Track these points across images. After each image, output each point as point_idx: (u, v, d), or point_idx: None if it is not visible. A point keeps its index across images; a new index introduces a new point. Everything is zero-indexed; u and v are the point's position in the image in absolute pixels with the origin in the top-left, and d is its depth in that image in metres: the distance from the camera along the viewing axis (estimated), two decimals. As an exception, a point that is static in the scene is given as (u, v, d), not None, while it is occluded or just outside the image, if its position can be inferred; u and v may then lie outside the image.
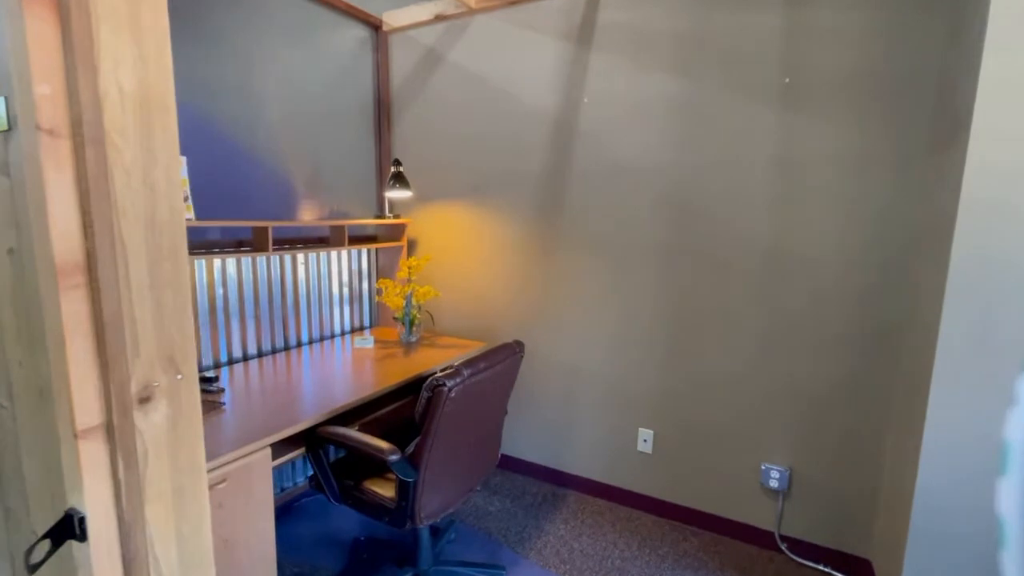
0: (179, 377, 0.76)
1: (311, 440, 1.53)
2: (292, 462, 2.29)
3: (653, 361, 2.16)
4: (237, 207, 2.09)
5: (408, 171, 2.65)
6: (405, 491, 1.42)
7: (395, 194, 2.44)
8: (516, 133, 2.34)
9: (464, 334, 2.63)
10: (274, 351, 2.25)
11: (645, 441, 2.22)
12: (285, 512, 2.20)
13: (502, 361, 1.57)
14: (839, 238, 1.77)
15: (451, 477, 1.53)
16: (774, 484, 1.96)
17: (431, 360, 2.15)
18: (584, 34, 2.14)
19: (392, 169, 2.41)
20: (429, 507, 1.46)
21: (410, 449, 1.42)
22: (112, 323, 0.68)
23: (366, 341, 2.34)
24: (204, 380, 1.75)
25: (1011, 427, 0.37)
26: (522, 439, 2.54)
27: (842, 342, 1.80)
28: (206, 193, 1.96)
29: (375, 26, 2.59)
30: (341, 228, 2.29)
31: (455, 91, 2.46)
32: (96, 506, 0.70)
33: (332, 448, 1.78)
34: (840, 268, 1.78)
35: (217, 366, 2.02)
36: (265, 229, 1.96)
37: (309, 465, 1.54)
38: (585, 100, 2.16)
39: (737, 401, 2.01)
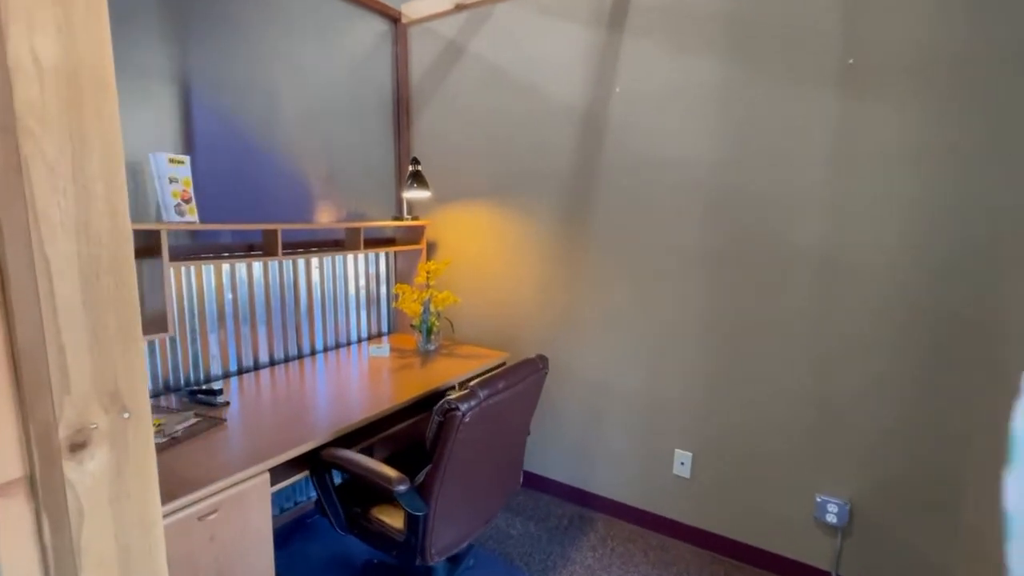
0: (125, 416, 0.63)
1: (316, 462, 1.40)
2: (305, 476, 2.18)
3: (692, 377, 1.96)
4: (253, 209, 2.00)
5: (428, 170, 2.52)
6: (415, 525, 1.27)
7: (413, 194, 2.31)
8: (541, 129, 2.17)
9: (485, 343, 2.48)
10: (287, 359, 2.15)
11: (682, 464, 2.02)
12: (296, 529, 2.10)
13: (524, 379, 1.40)
14: (909, 243, 1.54)
15: (466, 508, 1.37)
16: (831, 519, 1.73)
17: (449, 371, 2.01)
18: (616, 18, 1.95)
19: (410, 168, 2.28)
20: (441, 542, 1.31)
21: (420, 479, 1.27)
22: (30, 353, 0.55)
23: (382, 350, 2.22)
24: (209, 393, 1.65)
25: (1019, 419, 0.36)
26: (547, 456, 2.37)
27: (912, 360, 1.57)
28: (222, 194, 1.88)
29: (394, 19, 2.47)
30: (356, 230, 2.17)
31: (476, 85, 2.31)
32: (18, 577, 0.57)
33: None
34: (912, 277, 1.55)
35: (226, 376, 1.93)
36: (275, 232, 1.85)
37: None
38: (617, 90, 1.98)
39: (788, 424, 1.79)
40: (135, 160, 1.61)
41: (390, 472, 1.26)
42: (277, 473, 1.39)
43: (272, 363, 2.10)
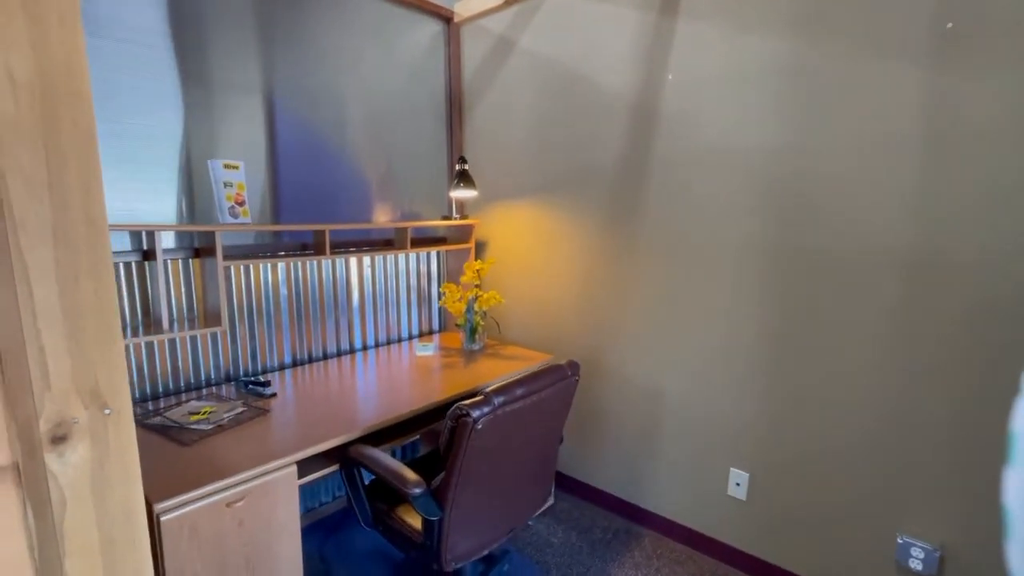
0: (107, 412, 0.66)
1: (345, 457, 1.44)
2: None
3: (753, 390, 1.78)
4: (320, 210, 2.12)
5: (478, 169, 2.51)
6: (430, 529, 1.26)
7: (460, 193, 2.30)
8: (589, 123, 2.07)
9: (531, 344, 2.43)
10: (339, 354, 2.24)
11: (738, 485, 1.84)
12: (343, 519, 2.18)
13: (548, 387, 1.34)
14: (1013, 240, 1.27)
15: (486, 517, 1.34)
16: (916, 565, 1.49)
17: (491, 372, 1.98)
18: (669, 0, 1.81)
19: (457, 167, 2.28)
20: (457, 549, 1.29)
21: (436, 483, 1.25)
22: (12, 352, 0.59)
23: (427, 348, 2.24)
24: (258, 384, 1.75)
25: (1018, 418, 0.34)
26: (593, 464, 2.28)
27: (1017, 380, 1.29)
28: (295, 196, 2.02)
29: (447, 18, 2.48)
30: (404, 230, 2.21)
31: (525, 81, 2.26)
32: (7, 557, 0.62)
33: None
34: (1016, 279, 1.28)
35: (281, 368, 2.04)
36: (323, 232, 1.93)
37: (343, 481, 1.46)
38: (669, 77, 1.83)
39: (865, 449, 1.57)
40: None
41: (408, 474, 1.25)
42: (307, 466, 1.45)
43: (325, 357, 2.20)
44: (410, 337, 2.54)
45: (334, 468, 1.47)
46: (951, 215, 1.36)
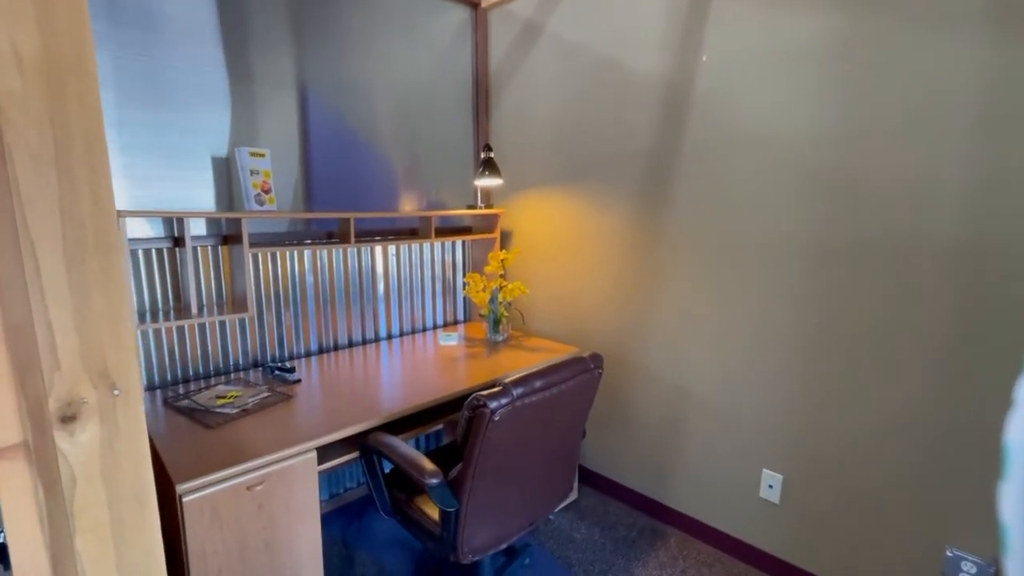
0: (116, 393, 0.66)
1: (364, 445, 1.43)
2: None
3: (787, 389, 1.69)
4: (350, 198, 2.14)
5: (504, 157, 2.47)
6: (447, 520, 1.24)
7: (485, 182, 2.27)
8: (618, 108, 2.00)
9: (555, 336, 2.39)
10: (364, 342, 2.25)
11: (771, 487, 1.76)
12: (367, 506, 2.20)
13: (569, 379, 1.30)
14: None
15: (504, 510, 1.31)
16: (966, 580, 1.38)
17: (514, 363, 1.95)
18: (705, -25, 1.71)
19: (482, 155, 2.25)
20: (474, 541, 1.27)
21: (453, 474, 1.23)
22: (18, 329, 0.59)
23: (450, 338, 2.23)
24: (284, 370, 1.77)
25: (1011, 431, 0.34)
26: (618, 459, 2.22)
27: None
28: (326, 184, 2.05)
29: (474, 4, 2.44)
30: (429, 219, 2.20)
31: (552, 65, 2.20)
32: (19, 533, 0.62)
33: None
34: (1107, 277, 1.15)
35: (307, 355, 2.07)
36: (348, 220, 1.93)
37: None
38: (704, 58, 1.74)
39: (911, 455, 1.46)
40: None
41: (425, 463, 1.24)
42: (328, 452, 1.45)
43: (350, 344, 2.21)
44: (434, 327, 2.53)
45: (354, 455, 1.47)
46: (1015, 206, 1.24)
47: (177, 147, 1.68)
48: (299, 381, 1.74)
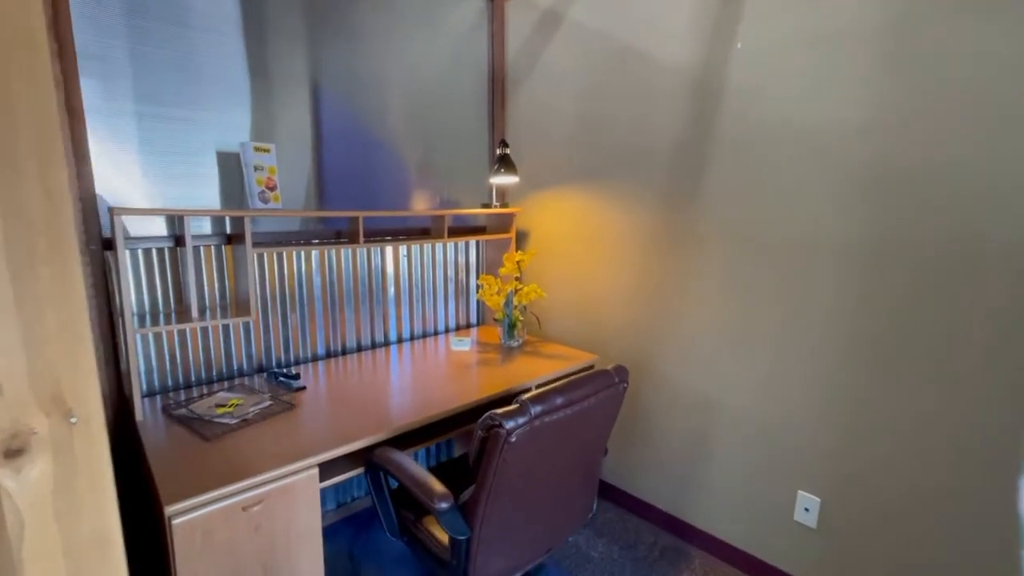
0: (73, 421, 0.57)
1: (372, 461, 1.34)
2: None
3: (827, 405, 1.55)
4: (363, 197, 2.06)
5: (520, 154, 2.36)
6: (457, 548, 1.14)
7: (500, 180, 2.16)
8: (643, 102, 1.88)
9: (573, 342, 2.27)
10: (373, 346, 2.16)
11: (807, 510, 1.63)
12: (375, 517, 2.11)
13: (593, 395, 1.18)
14: None
15: (520, 537, 1.21)
16: (1033, 624, 1.24)
17: (529, 371, 1.85)
18: (742, -44, 1.59)
19: (498, 151, 2.14)
20: (487, 570, 1.17)
21: (465, 497, 1.13)
22: (-48, 351, 0.50)
23: (463, 343, 2.13)
24: (287, 377, 1.69)
25: None
26: (639, 472, 2.10)
27: None
28: (337, 182, 1.97)
29: (491, -7, 2.33)
30: (441, 218, 2.10)
31: (573, 56, 2.08)
32: (-43, 587, 0.53)
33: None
34: None
35: (314, 359, 1.98)
36: (357, 219, 1.84)
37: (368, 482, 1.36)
38: (738, 46, 1.61)
39: (973, 489, 1.32)
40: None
41: (434, 486, 1.14)
42: (330, 468, 1.36)
43: (359, 349, 2.12)
44: (446, 330, 2.43)
45: (359, 471, 1.38)
46: (1104, 203, 1.10)
47: (194, 142, 1.62)
48: (304, 388, 1.66)
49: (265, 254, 1.81)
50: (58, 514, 0.56)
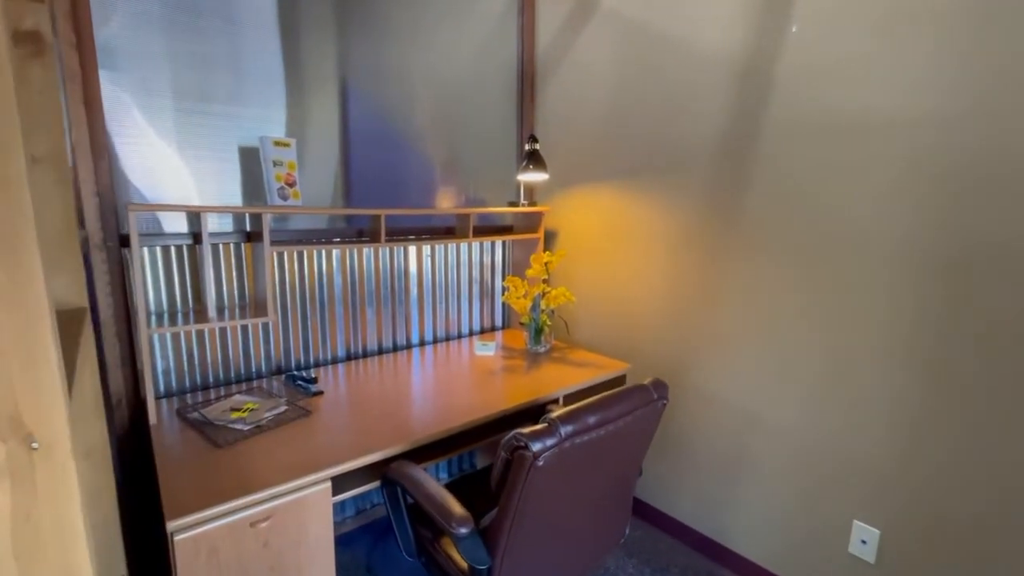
0: (34, 447, 0.49)
1: (388, 475, 1.25)
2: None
3: (889, 425, 1.39)
4: (387, 194, 2.00)
5: (550, 151, 2.25)
6: (477, 574, 1.04)
7: (529, 177, 2.06)
8: (682, 91, 1.74)
9: (604, 350, 2.15)
10: (395, 348, 2.09)
11: (864, 543, 1.47)
12: (376, 534, 2.04)
13: (628, 413, 1.07)
14: None
15: (546, 564, 1.10)
16: None
17: (557, 380, 1.74)
18: (798, -71, 1.44)
19: (526, 147, 2.04)
20: (510, 602, 1.06)
21: (486, 521, 1.03)
22: None
23: (487, 348, 2.03)
24: (305, 381, 1.63)
25: None
26: (673, 489, 1.97)
27: None
28: (363, 181, 1.92)
29: (522, -19, 2.23)
30: (466, 217, 2.01)
31: (607, 46, 1.96)
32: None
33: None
34: None
35: (334, 362, 1.92)
36: (378, 217, 1.76)
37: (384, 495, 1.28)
38: (793, 29, 1.47)
39: (1063, 525, 1.15)
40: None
41: (453, 507, 1.04)
42: (346, 479, 1.28)
43: (380, 351, 2.05)
44: (471, 333, 2.35)
45: (375, 484, 1.30)
46: None
47: (228, 137, 1.61)
48: (321, 393, 1.59)
49: (285, 252, 1.76)
50: (16, 550, 0.49)
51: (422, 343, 2.18)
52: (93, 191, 1.36)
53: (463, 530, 1.00)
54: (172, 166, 1.52)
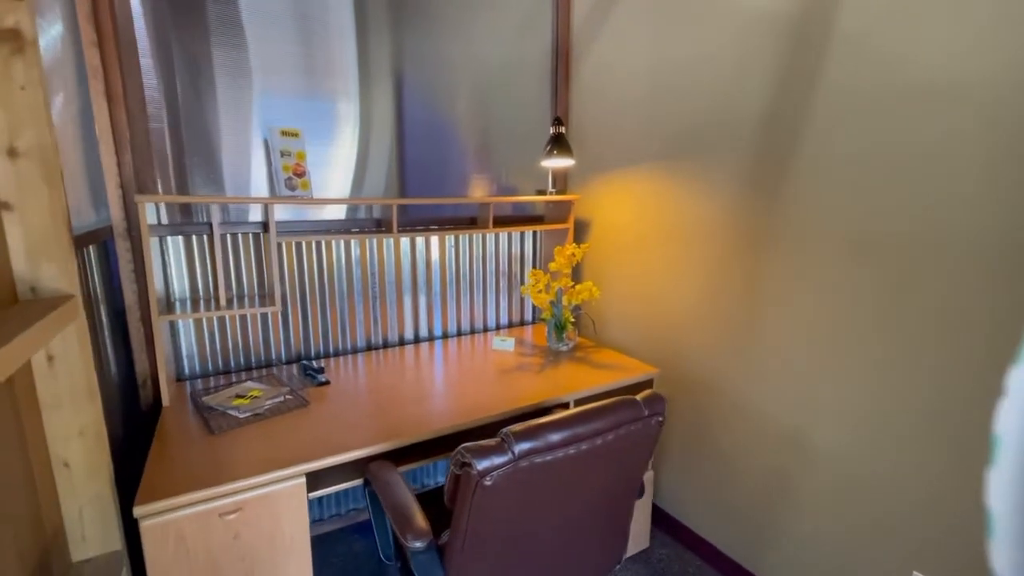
0: None
1: (366, 474, 1.22)
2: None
3: (962, 464, 1.13)
4: (433, 182, 2.01)
5: (584, 134, 2.09)
6: (435, 594, 0.97)
7: (553, 162, 1.92)
8: (727, 62, 1.52)
9: (632, 351, 1.98)
10: (416, 340, 2.06)
11: (925, 600, 1.22)
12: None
13: (610, 430, 0.94)
14: None
15: (514, 589, 1.00)
16: None
17: (574, 382, 1.62)
18: None
19: (551, 130, 1.90)
20: (470, 626, 0.98)
21: (445, 539, 0.95)
22: None
23: (505, 343, 1.94)
24: (314, 370, 1.64)
25: (1001, 419, 0.35)
26: (703, 508, 1.78)
27: None
28: (410, 168, 1.95)
29: (556, -47, 2.08)
30: (487, 206, 1.92)
31: (646, 17, 1.77)
32: None
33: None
34: None
35: (354, 352, 1.93)
36: (391, 207, 1.73)
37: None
38: (854, -24, 1.21)
39: None
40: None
41: (413, 518, 0.98)
42: (329, 475, 1.26)
43: (401, 343, 2.04)
44: (497, 327, 2.27)
45: (357, 482, 1.27)
46: None
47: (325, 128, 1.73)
48: (327, 383, 1.59)
49: (303, 243, 1.78)
50: None
51: (445, 336, 2.13)
52: (116, 183, 1.44)
53: (417, 544, 0.93)
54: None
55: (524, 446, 0.84)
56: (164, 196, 1.37)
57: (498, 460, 0.82)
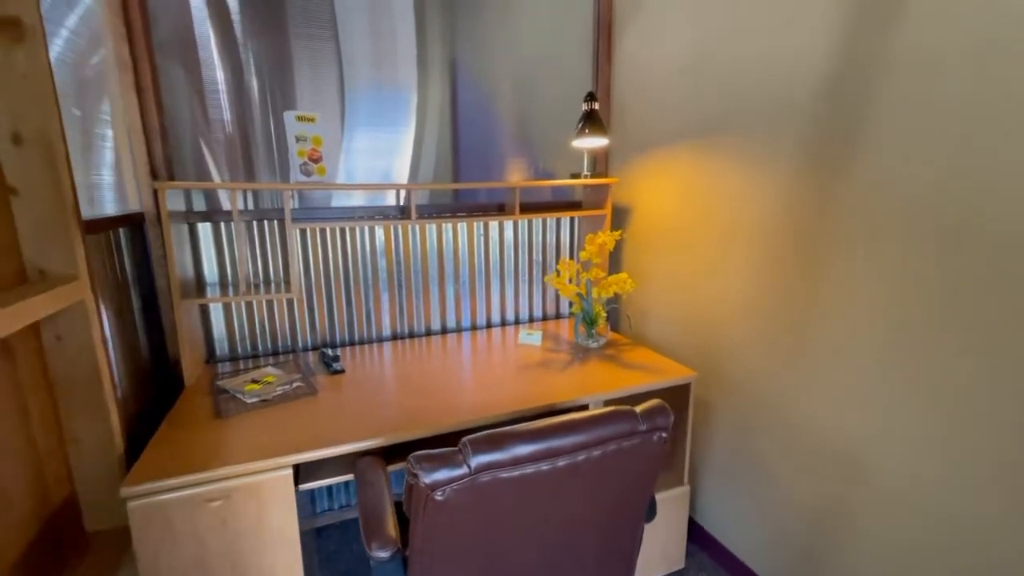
0: None
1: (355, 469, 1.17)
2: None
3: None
4: (481, 169, 1.98)
5: (625, 111, 1.91)
6: (401, 608, 0.89)
7: (584, 143, 1.76)
8: (781, 25, 1.29)
9: (670, 351, 1.79)
10: (443, 331, 2.01)
11: None
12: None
13: (594, 445, 0.81)
14: None
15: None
16: None
17: (599, 382, 1.48)
18: None
19: (584, 107, 1.74)
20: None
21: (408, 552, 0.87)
22: None
23: (532, 337, 1.83)
24: (330, 359, 1.63)
25: None
26: (748, 531, 1.57)
27: None
28: (464, 154, 1.93)
29: (598, -87, 1.90)
30: (513, 191, 1.81)
31: (689, -29, 1.56)
32: None
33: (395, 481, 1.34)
34: None
35: (379, 340, 1.91)
36: (408, 193, 1.67)
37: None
38: None
39: None
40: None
41: (382, 524, 0.91)
42: (321, 467, 1.23)
43: (428, 333, 1.99)
44: (530, 320, 2.16)
45: (348, 476, 1.23)
46: None
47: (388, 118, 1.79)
48: (342, 372, 1.57)
49: (327, 230, 1.77)
50: None
51: (474, 327, 2.06)
52: (147, 171, 1.50)
53: (381, 554, 0.86)
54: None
55: (483, 459, 0.74)
56: (180, 183, 1.40)
57: (453, 473, 0.73)
